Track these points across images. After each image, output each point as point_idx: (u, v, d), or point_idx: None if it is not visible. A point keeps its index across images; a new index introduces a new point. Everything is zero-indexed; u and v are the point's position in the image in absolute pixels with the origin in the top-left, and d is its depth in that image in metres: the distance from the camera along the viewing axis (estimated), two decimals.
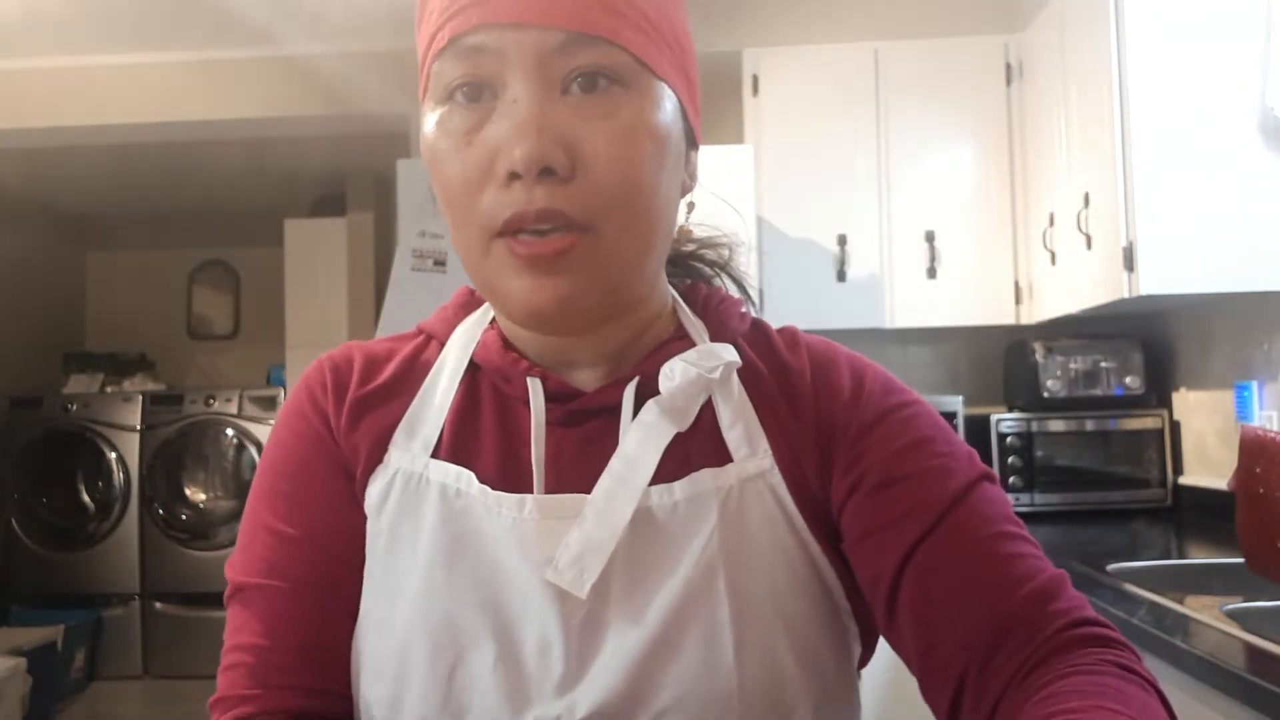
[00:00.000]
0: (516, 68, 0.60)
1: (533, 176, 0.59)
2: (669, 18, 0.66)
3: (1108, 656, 0.59)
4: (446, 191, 0.63)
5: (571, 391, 0.69)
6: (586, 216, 0.60)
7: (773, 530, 0.66)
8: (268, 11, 3.22)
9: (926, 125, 3.12)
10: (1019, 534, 0.66)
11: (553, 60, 0.60)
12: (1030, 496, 2.90)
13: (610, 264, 0.62)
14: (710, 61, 3.39)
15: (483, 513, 0.66)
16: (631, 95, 0.62)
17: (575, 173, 0.60)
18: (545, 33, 0.59)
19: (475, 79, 0.61)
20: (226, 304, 5.84)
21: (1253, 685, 1.23)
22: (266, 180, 4.99)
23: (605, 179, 0.60)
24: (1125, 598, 1.70)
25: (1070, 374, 2.93)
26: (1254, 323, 2.51)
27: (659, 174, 0.63)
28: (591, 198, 0.60)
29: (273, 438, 0.73)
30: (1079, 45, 2.61)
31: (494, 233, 0.61)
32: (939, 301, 3.10)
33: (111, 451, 4.72)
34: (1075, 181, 2.65)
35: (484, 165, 0.61)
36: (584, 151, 0.60)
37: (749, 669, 0.62)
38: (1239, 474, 1.37)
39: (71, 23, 3.32)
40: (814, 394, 0.70)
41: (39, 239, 5.54)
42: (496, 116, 0.60)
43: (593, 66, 0.60)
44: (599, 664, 0.62)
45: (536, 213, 0.59)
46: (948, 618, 0.62)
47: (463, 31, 0.60)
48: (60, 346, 5.47)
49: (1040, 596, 0.62)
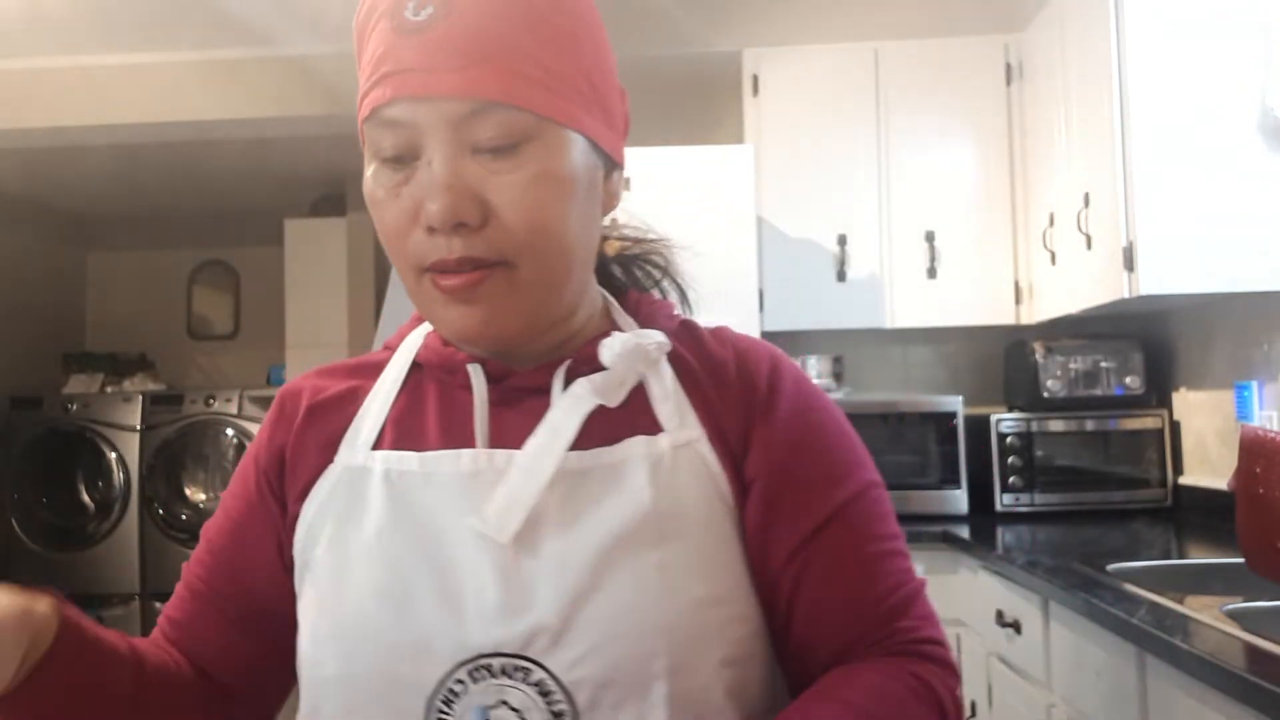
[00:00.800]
0: (430, 136, 0.68)
1: (448, 230, 0.67)
2: (575, 58, 0.72)
3: (912, 668, 0.70)
4: (383, 233, 0.72)
5: (510, 372, 0.77)
6: (500, 255, 0.69)
7: (702, 491, 0.72)
8: (268, 11, 3.22)
9: (926, 125, 3.12)
10: (890, 548, 0.75)
11: (462, 126, 0.67)
12: (1030, 496, 2.90)
13: (527, 293, 0.71)
14: (710, 61, 3.39)
15: (422, 484, 0.73)
16: (537, 147, 0.69)
17: (487, 221, 0.68)
18: (452, 103, 0.67)
19: (398, 147, 0.69)
20: (226, 304, 5.83)
21: (1253, 685, 1.23)
22: (266, 180, 4.99)
23: (515, 225, 0.68)
24: (1125, 598, 1.70)
25: (1070, 374, 2.93)
26: (1254, 323, 2.51)
27: (567, 212, 0.71)
28: (503, 242, 0.68)
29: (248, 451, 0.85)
30: (1079, 45, 2.61)
31: (421, 269, 0.70)
32: (939, 301, 3.10)
33: (111, 451, 4.72)
34: (1075, 182, 2.65)
35: (410, 214, 0.69)
36: (494, 202, 0.68)
37: (675, 612, 0.68)
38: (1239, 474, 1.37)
39: (72, 23, 3.32)
40: (738, 381, 0.77)
41: (39, 239, 5.53)
42: (418, 176, 0.69)
43: (498, 131, 0.68)
44: (532, 604, 0.68)
45: (455, 260, 0.68)
46: (816, 622, 0.72)
47: (380, 104, 0.69)
48: (60, 346, 5.47)
49: (892, 613, 0.72)
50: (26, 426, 4.78)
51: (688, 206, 2.72)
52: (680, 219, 2.76)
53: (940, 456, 2.95)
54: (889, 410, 3.00)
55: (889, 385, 3.43)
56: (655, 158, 2.77)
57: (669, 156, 2.78)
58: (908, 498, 2.94)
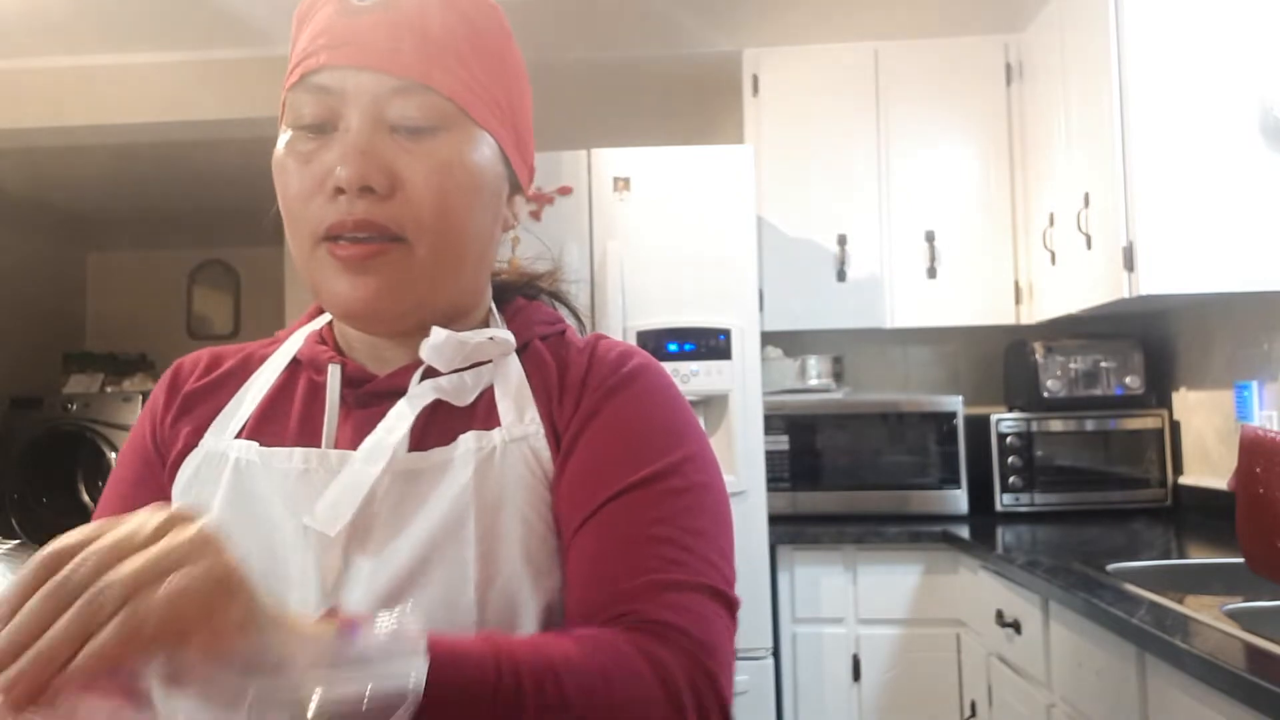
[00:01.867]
0: (353, 104, 0.71)
1: (354, 192, 0.70)
2: (498, 75, 0.77)
3: (640, 641, 0.62)
4: (285, 200, 0.74)
5: (369, 377, 0.79)
6: (400, 229, 0.71)
7: (530, 485, 0.73)
8: (268, 11, 3.22)
9: (926, 125, 3.12)
10: (667, 536, 0.69)
11: (384, 101, 0.71)
12: (1030, 496, 2.90)
13: (420, 274, 0.73)
14: (710, 61, 3.39)
15: (262, 474, 0.75)
16: (451, 136, 0.73)
17: (394, 193, 0.71)
18: (381, 77, 0.71)
19: (319, 113, 0.72)
20: (226, 304, 5.84)
21: (1253, 685, 1.23)
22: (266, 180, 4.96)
23: (420, 200, 0.71)
24: (1125, 598, 1.70)
25: (1070, 374, 2.93)
26: (1254, 323, 2.51)
27: (471, 203, 0.74)
28: (406, 215, 0.71)
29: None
30: (1079, 45, 2.61)
31: (319, 238, 0.72)
32: (939, 301, 3.10)
33: (111, 451, 4.72)
34: (1075, 181, 2.65)
35: (317, 180, 0.72)
36: (403, 176, 0.71)
37: (490, 606, 0.69)
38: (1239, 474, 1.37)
39: (71, 23, 3.32)
40: (582, 380, 0.78)
41: (39, 239, 5.54)
42: (332, 143, 0.72)
43: (418, 111, 0.71)
44: (350, 597, 0.70)
45: (355, 221, 0.70)
46: (570, 593, 0.70)
47: (311, 70, 0.72)
48: (60, 346, 5.47)
49: (634, 594, 0.66)
50: (26, 426, 4.78)
51: (688, 206, 2.71)
52: (680, 219, 2.78)
53: (940, 456, 2.95)
54: (889, 410, 3.00)
55: (889, 385, 3.43)
56: (655, 158, 2.77)
57: (669, 156, 2.78)
58: (908, 498, 2.94)
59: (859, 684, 2.70)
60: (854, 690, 2.70)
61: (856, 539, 2.74)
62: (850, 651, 2.71)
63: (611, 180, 2.72)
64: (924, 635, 2.69)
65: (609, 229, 2.69)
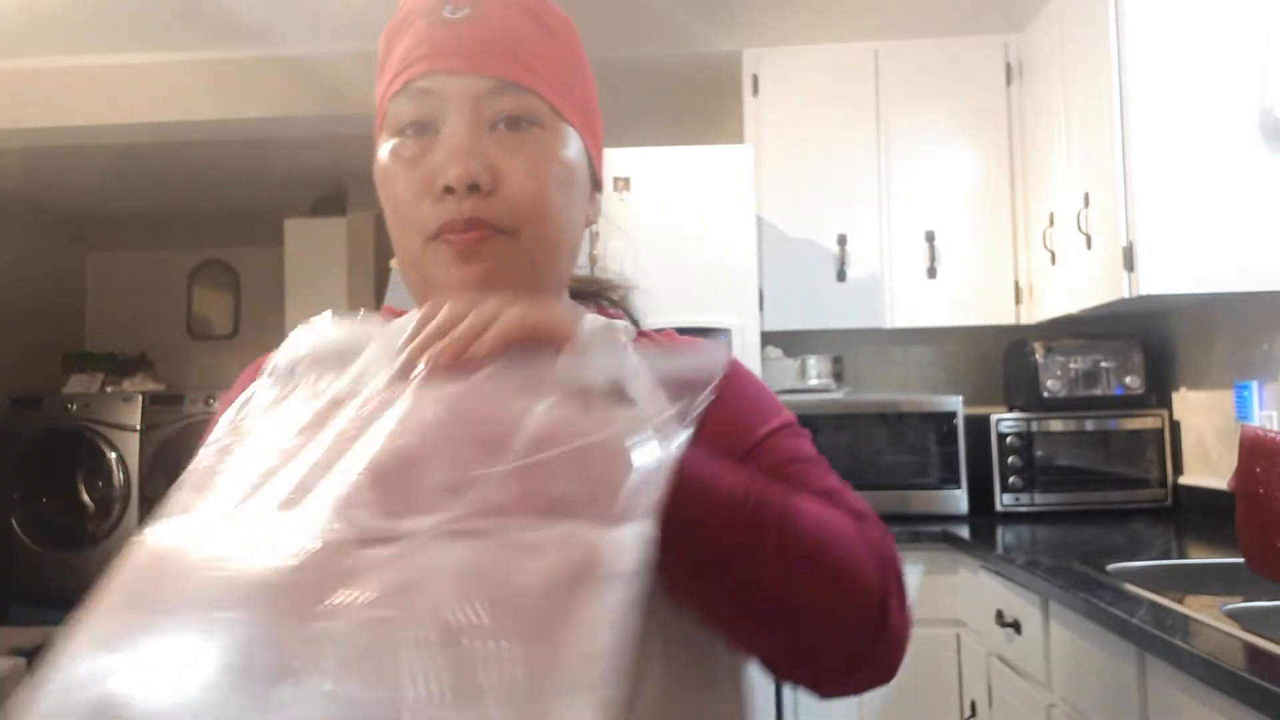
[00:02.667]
0: (454, 107, 0.76)
1: (463, 191, 0.74)
2: (579, 79, 0.83)
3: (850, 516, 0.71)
4: (395, 204, 0.78)
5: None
6: (505, 223, 0.75)
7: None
8: (268, 11, 3.22)
9: (926, 125, 3.12)
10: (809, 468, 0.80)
11: (483, 102, 0.76)
12: (1030, 496, 2.90)
13: (523, 260, 0.77)
14: (710, 61, 3.39)
15: None
16: (545, 134, 0.78)
17: (497, 189, 0.75)
18: (478, 80, 0.76)
19: (421, 116, 0.77)
20: (226, 304, 5.84)
21: (1253, 685, 1.23)
22: (266, 180, 4.99)
23: (521, 194, 0.75)
24: (1125, 598, 1.70)
25: (1070, 374, 2.93)
26: (1254, 323, 2.51)
27: (566, 196, 0.79)
28: (509, 209, 0.75)
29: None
30: (1079, 45, 2.61)
31: (430, 236, 0.76)
32: (939, 301, 3.10)
33: (111, 451, 4.72)
34: (1075, 181, 2.65)
35: (425, 182, 0.76)
36: (504, 173, 0.75)
37: None
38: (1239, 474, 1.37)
39: (72, 23, 3.32)
40: None
41: (39, 239, 5.54)
42: (437, 146, 0.76)
43: (515, 109, 0.76)
44: None
45: (465, 220, 0.74)
46: None
47: (414, 77, 0.77)
48: (60, 346, 5.47)
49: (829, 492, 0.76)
50: (26, 426, 4.78)
51: (688, 206, 2.71)
52: (680, 219, 2.77)
53: (940, 456, 2.95)
54: (889, 410, 3.00)
55: (889, 385, 3.43)
56: (655, 158, 2.77)
57: (669, 156, 2.78)
58: (908, 498, 2.94)
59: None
60: None
61: None
62: None
63: (611, 180, 2.72)
64: (924, 635, 2.68)
65: (609, 229, 2.69)
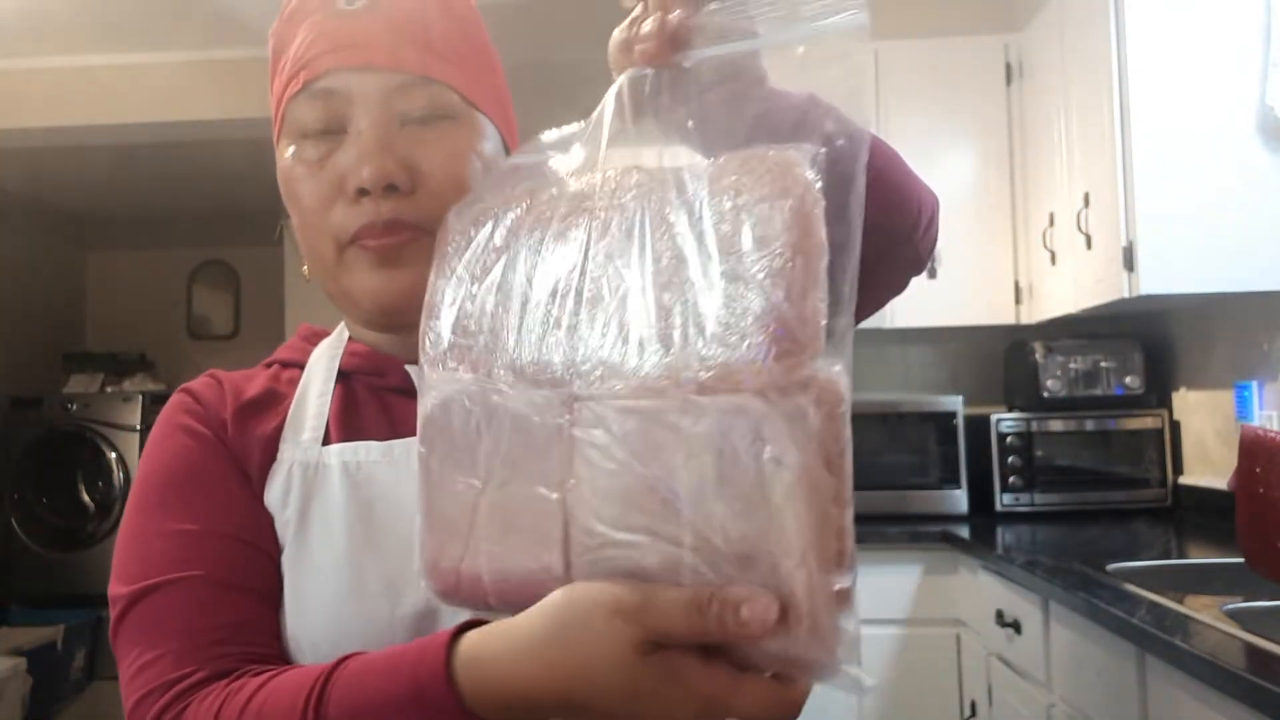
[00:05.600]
0: (361, 105, 0.71)
1: (379, 192, 0.69)
2: (489, 67, 0.78)
3: None
4: (301, 210, 0.73)
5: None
6: (428, 222, 0.69)
7: None
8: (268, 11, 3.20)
9: (926, 125, 3.12)
10: None
11: (393, 98, 0.71)
12: (1030, 496, 2.90)
13: None
14: None
15: (385, 473, 0.71)
16: (460, 126, 0.73)
17: (415, 188, 0.71)
18: (385, 75, 0.71)
19: (326, 120, 0.71)
20: (226, 304, 5.84)
21: (1253, 685, 1.24)
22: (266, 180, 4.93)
23: (441, 191, 0.70)
24: (1125, 598, 1.70)
25: (1070, 374, 2.93)
26: (1254, 323, 2.51)
27: None
28: (430, 207, 0.70)
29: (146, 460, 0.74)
30: (1079, 45, 2.61)
31: (345, 242, 0.71)
32: (939, 301, 3.09)
33: (111, 451, 4.72)
34: (1075, 181, 2.65)
35: (335, 185, 0.71)
36: (422, 169, 0.71)
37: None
38: (1239, 474, 1.37)
39: (71, 23, 3.32)
40: None
41: (39, 239, 5.54)
42: (345, 146, 0.71)
43: (426, 103, 0.72)
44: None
45: (384, 223, 0.70)
46: None
47: (314, 77, 0.71)
48: (60, 346, 5.47)
49: None
50: (26, 426, 4.78)
51: None
52: None
53: (940, 456, 2.95)
54: (889, 410, 3.00)
55: (889, 385, 3.43)
56: None
57: None
58: (907, 498, 2.94)
59: None
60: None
61: (856, 538, 2.73)
62: None
63: None
64: (924, 635, 2.69)
65: None
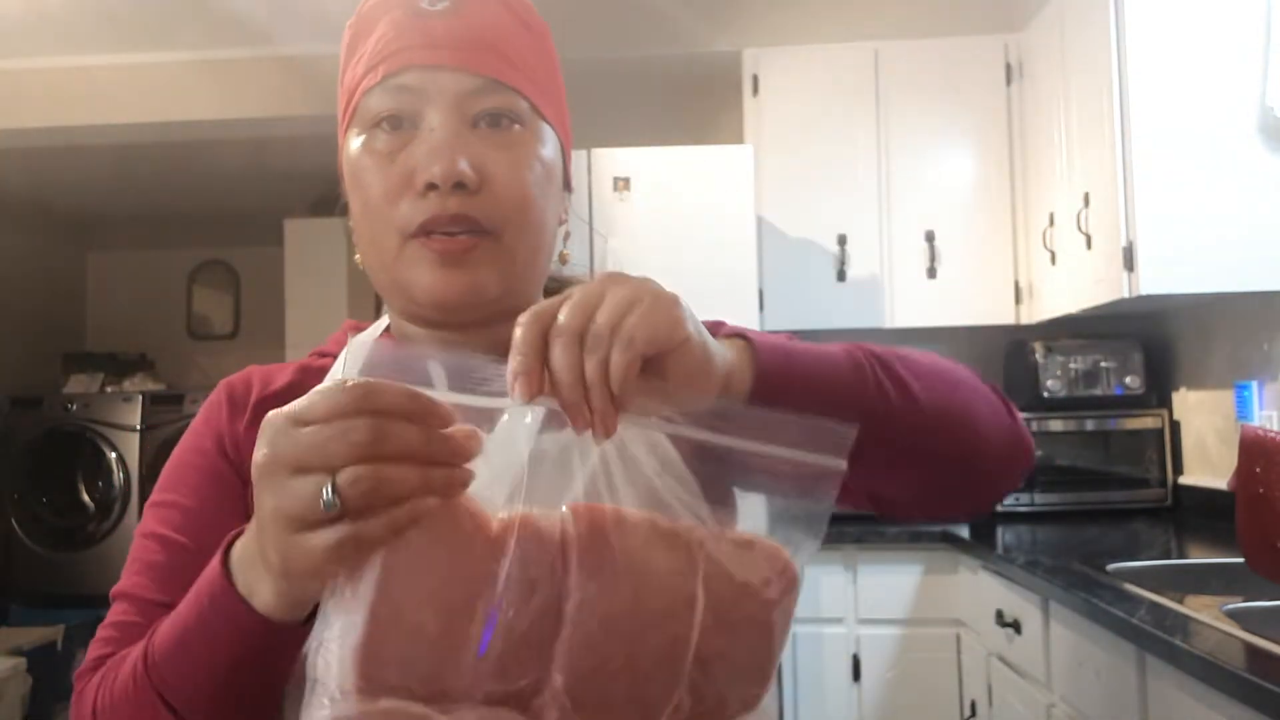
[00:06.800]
0: (435, 103, 0.73)
1: (448, 188, 0.72)
2: (558, 89, 0.82)
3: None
4: (367, 200, 0.75)
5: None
6: (490, 222, 0.73)
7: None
8: (268, 11, 3.22)
9: (926, 125, 3.12)
10: None
11: (466, 100, 0.74)
12: (1030, 496, 2.90)
13: (507, 263, 0.75)
14: (710, 61, 3.39)
15: None
16: (526, 133, 0.76)
17: (483, 187, 0.73)
18: (461, 76, 0.74)
19: (399, 111, 0.74)
20: (226, 304, 5.83)
21: (1253, 685, 1.24)
22: (266, 180, 4.99)
23: (505, 193, 0.74)
24: (1125, 598, 1.70)
25: (1070, 374, 2.93)
26: (1254, 323, 2.51)
27: (545, 195, 0.78)
28: (494, 207, 0.73)
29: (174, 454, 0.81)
30: (1079, 45, 2.61)
31: (409, 235, 0.73)
32: (939, 301, 3.10)
33: (111, 451, 4.72)
34: (1075, 181, 2.65)
35: (404, 179, 0.73)
36: (489, 171, 0.73)
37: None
38: (1239, 474, 1.37)
39: (72, 23, 3.32)
40: None
41: (39, 239, 5.54)
42: (416, 142, 0.73)
43: (497, 107, 0.75)
44: None
45: (450, 216, 0.72)
46: None
47: (394, 71, 0.74)
48: (60, 346, 5.46)
49: None
50: (26, 426, 4.78)
51: (688, 206, 2.71)
52: (680, 219, 2.77)
53: None
54: None
55: None
56: (655, 158, 2.76)
57: (669, 156, 2.78)
58: None
59: (859, 684, 2.70)
60: (854, 690, 2.70)
61: (856, 538, 2.74)
62: (850, 651, 2.71)
63: (611, 180, 2.72)
64: (924, 635, 2.69)
65: (609, 228, 2.70)
